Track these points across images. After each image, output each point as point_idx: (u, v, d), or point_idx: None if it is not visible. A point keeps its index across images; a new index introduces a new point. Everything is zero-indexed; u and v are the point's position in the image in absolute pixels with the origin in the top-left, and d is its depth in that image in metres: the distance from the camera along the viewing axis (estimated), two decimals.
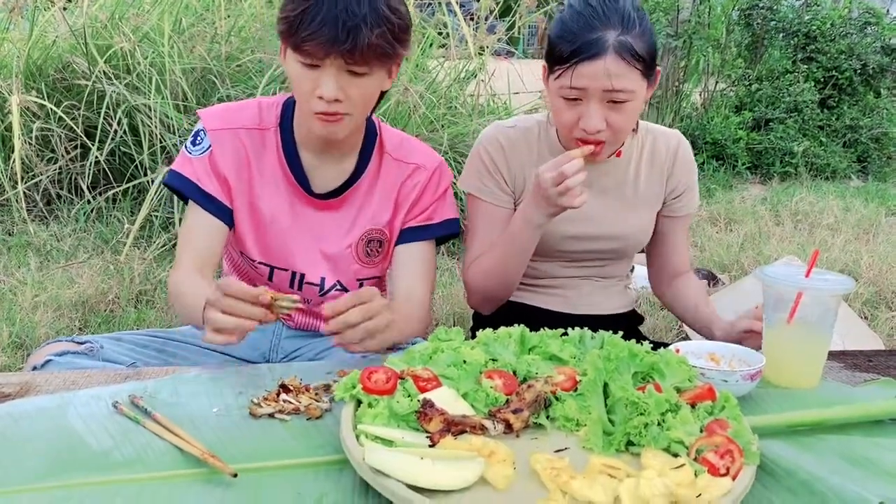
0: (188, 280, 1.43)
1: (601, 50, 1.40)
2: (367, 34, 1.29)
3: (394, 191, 1.55)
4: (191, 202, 1.50)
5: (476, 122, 4.13)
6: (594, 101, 1.44)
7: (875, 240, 4.34)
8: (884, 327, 3.15)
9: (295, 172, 1.51)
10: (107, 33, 4.01)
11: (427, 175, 1.56)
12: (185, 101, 3.86)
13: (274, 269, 1.56)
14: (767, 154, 6.39)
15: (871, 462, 1.05)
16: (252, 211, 1.52)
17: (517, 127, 1.66)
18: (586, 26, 1.42)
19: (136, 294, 3.14)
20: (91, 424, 1.07)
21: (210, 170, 1.49)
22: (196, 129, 1.52)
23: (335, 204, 1.54)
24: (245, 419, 1.12)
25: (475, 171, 1.66)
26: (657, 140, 1.68)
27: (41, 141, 3.88)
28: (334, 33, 1.28)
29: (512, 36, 4.91)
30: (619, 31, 1.41)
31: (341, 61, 1.31)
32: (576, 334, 1.27)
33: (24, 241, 3.56)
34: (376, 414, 1.02)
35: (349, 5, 1.29)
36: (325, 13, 1.28)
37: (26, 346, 2.65)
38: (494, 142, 1.64)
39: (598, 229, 1.66)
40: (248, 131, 1.50)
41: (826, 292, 1.28)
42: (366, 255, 1.57)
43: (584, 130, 1.46)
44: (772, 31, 6.86)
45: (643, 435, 1.01)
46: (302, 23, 1.29)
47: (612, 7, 1.44)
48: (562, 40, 1.44)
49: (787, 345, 1.30)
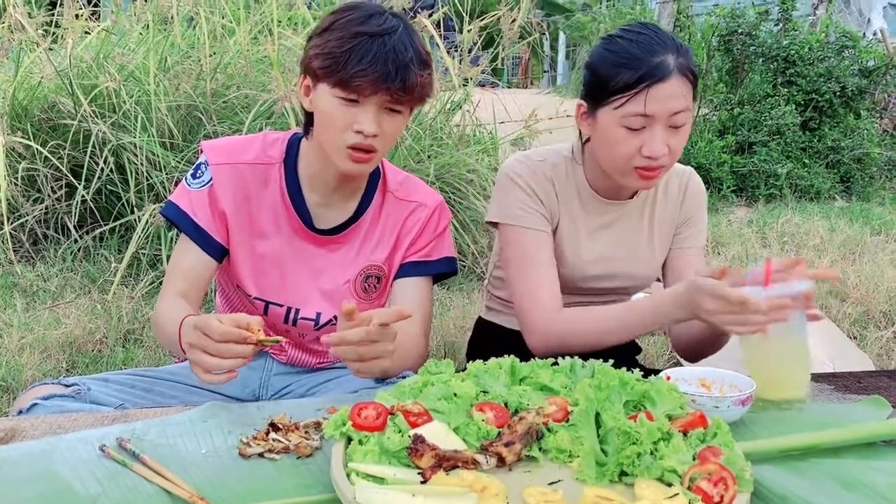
0: (167, 306, 1.43)
1: (668, 72, 1.42)
2: (416, 73, 1.36)
3: (395, 228, 1.57)
4: (182, 235, 1.50)
5: (462, 153, 4.16)
6: (659, 126, 1.43)
7: (861, 259, 4.37)
8: (873, 347, 3.17)
9: (298, 209, 1.51)
10: (92, 73, 4.03)
11: (428, 213, 1.58)
12: (171, 138, 3.86)
13: (269, 305, 1.55)
14: (752, 177, 6.45)
15: (864, 485, 1.05)
16: (251, 246, 1.52)
17: (546, 161, 1.63)
18: (649, 51, 1.43)
19: (124, 333, 3.12)
20: (78, 469, 1.05)
21: (208, 204, 1.49)
22: (198, 161, 1.53)
23: (336, 240, 1.54)
24: (234, 459, 1.10)
25: (513, 201, 1.60)
26: (671, 178, 1.68)
27: (27, 181, 3.87)
28: (386, 71, 1.33)
29: (496, 67, 4.96)
30: (676, 53, 1.44)
31: (386, 98, 1.36)
32: (566, 364, 1.27)
33: (10, 283, 3.54)
34: (367, 451, 1.01)
35: (396, 46, 1.35)
36: (376, 52, 1.33)
37: (12, 389, 2.62)
38: (531, 172, 1.61)
39: (616, 268, 1.66)
40: (252, 166, 1.51)
41: (789, 294, 1.27)
42: (363, 291, 1.57)
43: (647, 158, 1.44)
44: (751, 56, 6.97)
45: (636, 465, 1.00)
46: (351, 59, 1.33)
47: (663, 34, 1.47)
48: (624, 68, 1.43)
49: (767, 356, 1.31)
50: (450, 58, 4.38)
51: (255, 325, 1.20)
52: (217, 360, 1.17)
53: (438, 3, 4.69)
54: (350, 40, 1.34)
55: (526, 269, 1.58)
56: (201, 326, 1.17)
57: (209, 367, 1.17)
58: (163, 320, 1.41)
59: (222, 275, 1.60)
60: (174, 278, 1.50)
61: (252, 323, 1.20)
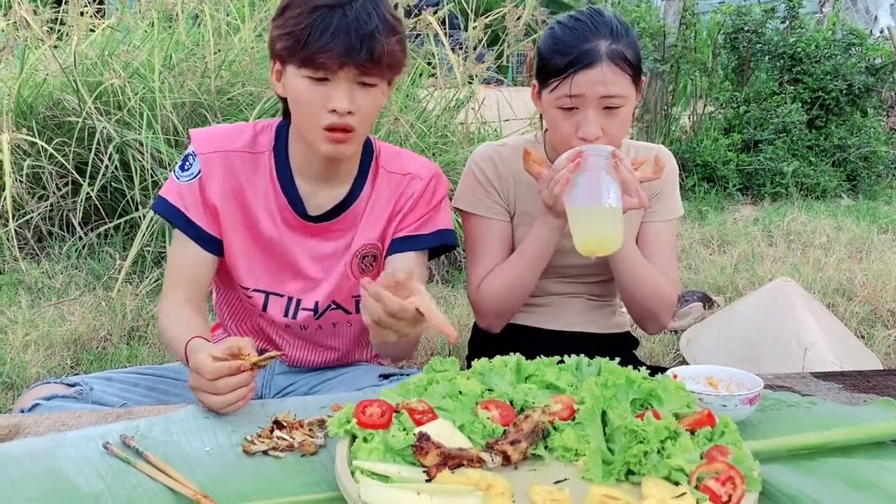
0: (174, 314, 1.42)
1: (596, 58, 1.47)
2: (382, 42, 1.30)
3: (389, 204, 1.52)
4: (177, 231, 1.48)
5: (467, 150, 4.14)
6: (591, 109, 1.49)
7: (868, 258, 4.35)
8: (881, 346, 3.15)
9: (289, 197, 1.48)
10: (97, 70, 4.02)
11: (423, 185, 1.53)
12: (176, 135, 3.86)
13: (269, 296, 1.54)
14: (758, 175, 6.42)
15: (873, 485, 1.04)
16: (245, 237, 1.50)
17: (508, 145, 1.71)
18: (580, 38, 1.49)
19: (129, 330, 3.12)
20: (81, 466, 1.05)
21: (198, 197, 1.46)
22: (186, 152, 1.49)
23: (331, 227, 1.51)
24: (238, 457, 1.10)
25: (469, 188, 1.70)
26: (639, 153, 1.70)
27: (32, 178, 3.87)
28: (349, 43, 1.27)
29: (501, 64, 4.95)
30: (609, 40, 1.49)
31: (355, 72, 1.31)
32: (573, 362, 1.26)
33: (15, 279, 3.54)
34: (371, 449, 1.01)
35: (359, 15, 1.28)
36: (337, 24, 1.27)
37: (17, 386, 2.62)
38: (487, 159, 1.69)
39: None
40: (241, 154, 1.48)
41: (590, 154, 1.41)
42: (360, 272, 1.54)
43: (582, 139, 1.49)
44: (757, 53, 6.93)
45: (643, 463, 0.99)
46: (311, 35, 1.28)
47: (600, 20, 1.52)
48: (556, 53, 1.51)
49: (584, 217, 1.43)
50: (455, 55, 4.37)
51: (245, 348, 1.20)
52: (219, 398, 1.18)
53: (443, 1, 4.67)
54: (309, 15, 1.28)
55: (474, 255, 1.70)
56: (195, 368, 1.19)
57: (215, 406, 1.19)
58: (170, 335, 1.40)
59: (218, 274, 1.56)
60: (175, 280, 1.48)
61: (243, 347, 1.20)
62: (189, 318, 1.39)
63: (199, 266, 1.48)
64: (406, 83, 4.36)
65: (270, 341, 1.61)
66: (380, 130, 3.76)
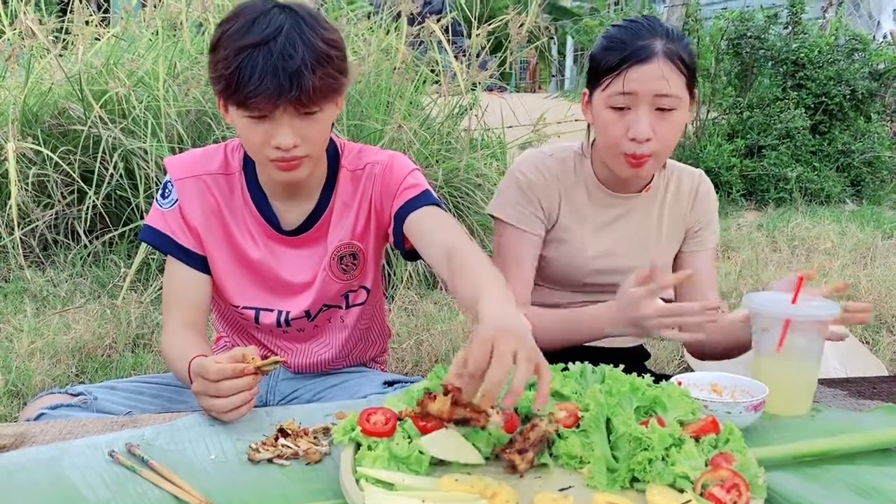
0: (177, 338, 1.42)
1: (651, 54, 1.46)
2: (310, 77, 1.26)
3: (354, 201, 1.52)
4: (169, 258, 1.49)
5: (470, 157, 4.15)
6: (643, 107, 1.46)
7: (873, 263, 4.34)
8: (886, 352, 3.14)
9: (264, 214, 1.50)
10: (102, 79, 4.05)
11: (382, 167, 1.51)
12: (180, 143, 3.87)
13: (259, 312, 1.55)
14: (762, 181, 6.43)
15: (878, 492, 1.04)
16: (229, 257, 1.51)
17: (555, 156, 1.66)
18: (635, 35, 1.48)
19: (134, 338, 3.12)
20: (87, 475, 1.05)
21: (181, 222, 1.48)
22: (165, 179, 1.51)
23: (307, 238, 1.52)
24: (243, 465, 1.10)
25: (513, 198, 1.63)
26: (682, 178, 1.69)
27: (37, 187, 3.89)
28: (277, 83, 1.24)
29: (504, 71, 4.96)
30: (665, 40, 1.47)
31: (292, 108, 1.29)
32: (577, 369, 1.26)
33: (21, 288, 3.55)
34: (376, 457, 1.01)
35: (284, 49, 1.25)
36: (263, 64, 1.24)
37: (22, 394, 2.63)
38: (535, 170, 1.63)
39: (621, 263, 1.66)
40: (214, 177, 1.49)
41: (814, 319, 1.27)
42: (342, 272, 1.54)
43: (632, 141, 1.47)
44: (761, 59, 6.94)
45: (648, 471, 0.99)
46: (241, 79, 1.25)
47: (656, 23, 1.51)
48: (609, 51, 1.49)
49: (778, 372, 1.29)
50: (458, 62, 4.39)
51: (250, 355, 1.21)
52: (222, 400, 1.18)
53: (447, 8, 4.69)
54: (235, 57, 1.26)
55: (506, 264, 1.62)
56: (199, 371, 1.19)
57: (218, 409, 1.19)
58: (174, 357, 1.40)
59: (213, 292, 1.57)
60: (174, 307, 1.48)
61: (247, 353, 1.21)
62: (194, 340, 1.40)
63: (196, 288, 1.49)
64: (409, 90, 4.38)
65: (270, 352, 1.62)
66: (383, 138, 3.78)
